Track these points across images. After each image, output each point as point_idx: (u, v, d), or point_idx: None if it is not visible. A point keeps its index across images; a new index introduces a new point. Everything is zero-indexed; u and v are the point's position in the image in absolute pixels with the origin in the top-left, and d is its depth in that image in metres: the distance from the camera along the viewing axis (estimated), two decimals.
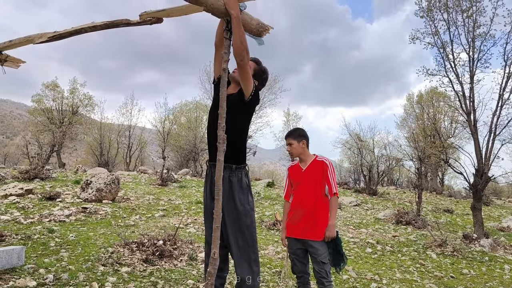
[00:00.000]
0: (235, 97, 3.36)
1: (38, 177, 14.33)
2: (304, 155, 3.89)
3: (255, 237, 3.41)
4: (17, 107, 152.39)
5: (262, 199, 13.47)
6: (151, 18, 3.23)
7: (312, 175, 3.78)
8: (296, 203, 3.83)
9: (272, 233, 8.59)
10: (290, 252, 3.92)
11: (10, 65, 4.93)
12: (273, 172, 54.38)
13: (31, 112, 26.23)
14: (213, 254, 2.85)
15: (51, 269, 5.01)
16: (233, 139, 3.36)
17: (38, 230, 7.13)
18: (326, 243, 3.71)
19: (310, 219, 3.72)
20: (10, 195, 10.40)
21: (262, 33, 3.15)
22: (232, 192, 3.31)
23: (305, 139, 3.90)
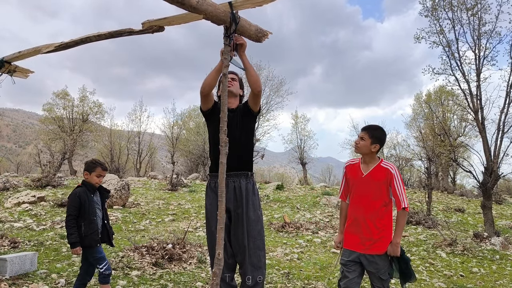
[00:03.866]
0: (242, 108, 3.50)
1: (50, 185, 14.53)
2: (369, 157, 3.46)
3: (264, 241, 3.50)
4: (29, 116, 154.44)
5: (271, 202, 13.51)
6: (153, 27, 3.33)
7: (374, 183, 3.37)
8: (354, 212, 3.46)
9: (281, 235, 8.62)
10: (342, 263, 3.49)
11: (19, 75, 5.07)
12: (283, 174, 54.31)
13: (42, 121, 26.64)
14: (217, 255, 2.91)
15: (63, 274, 5.12)
16: (249, 147, 3.50)
17: (50, 236, 7.27)
18: (388, 259, 3.37)
19: (369, 232, 3.36)
20: (23, 203, 10.59)
21: (261, 38, 3.21)
22: (248, 199, 3.40)
23: (379, 144, 3.44)
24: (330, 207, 12.84)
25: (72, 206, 3.83)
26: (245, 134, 3.46)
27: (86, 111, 25.47)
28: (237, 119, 3.48)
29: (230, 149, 3.41)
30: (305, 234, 8.77)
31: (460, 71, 9.78)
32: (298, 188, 19.36)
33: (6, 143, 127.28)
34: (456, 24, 9.85)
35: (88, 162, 4.08)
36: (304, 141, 28.69)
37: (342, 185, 3.69)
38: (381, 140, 3.46)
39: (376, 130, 3.49)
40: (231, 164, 3.37)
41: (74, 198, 3.85)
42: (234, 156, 3.38)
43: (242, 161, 3.42)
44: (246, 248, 3.32)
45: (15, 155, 69.21)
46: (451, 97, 16.86)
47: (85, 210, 3.83)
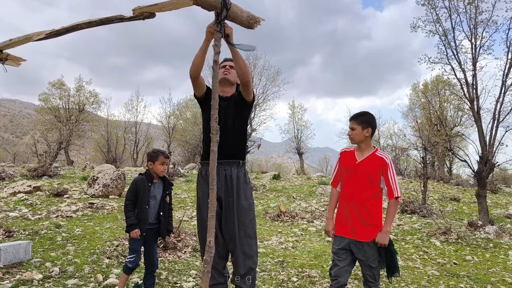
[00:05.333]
0: (237, 97, 3.46)
1: (46, 175, 14.53)
2: (364, 144, 3.45)
3: (255, 230, 3.49)
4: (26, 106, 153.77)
5: (267, 191, 13.54)
6: (144, 13, 3.29)
7: (367, 170, 3.36)
8: (346, 198, 3.45)
9: (276, 224, 8.65)
10: (333, 252, 3.49)
11: (11, 63, 5.01)
12: (280, 165, 54.38)
13: (38, 111, 26.51)
14: (208, 242, 2.91)
15: (57, 263, 5.12)
16: (242, 136, 3.49)
17: (45, 225, 7.27)
18: (377, 248, 3.35)
19: (360, 218, 3.35)
20: (18, 193, 10.58)
21: (253, 25, 3.17)
22: (238, 188, 3.38)
23: (371, 127, 3.43)
24: (326, 197, 12.88)
25: (130, 192, 3.93)
26: (238, 122, 3.45)
27: (82, 101, 25.35)
28: (230, 108, 3.46)
29: (222, 137, 3.41)
30: (300, 223, 8.80)
31: (456, 60, 9.76)
32: (295, 178, 19.40)
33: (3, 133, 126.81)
34: (453, 12, 9.81)
35: (150, 153, 4.12)
36: (301, 131, 28.69)
37: (334, 171, 3.70)
38: (370, 123, 3.46)
39: (363, 116, 3.50)
40: (223, 152, 3.35)
41: (132, 184, 3.95)
42: (226, 144, 3.37)
43: (234, 149, 3.41)
44: (237, 237, 3.32)
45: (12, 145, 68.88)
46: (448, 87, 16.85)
47: (138, 198, 3.90)
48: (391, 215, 3.38)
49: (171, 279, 4.79)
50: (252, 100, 3.49)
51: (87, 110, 25.82)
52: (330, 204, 3.66)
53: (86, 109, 25.70)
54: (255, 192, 13.01)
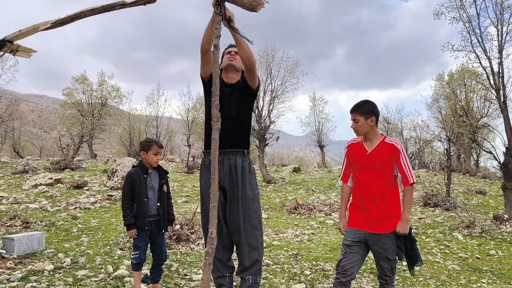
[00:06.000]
0: (242, 84, 3.33)
1: (68, 168, 14.78)
2: (370, 134, 3.28)
3: (261, 220, 3.38)
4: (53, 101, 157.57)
5: (286, 184, 13.41)
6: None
7: (380, 159, 3.20)
8: (361, 191, 3.29)
9: (293, 216, 8.53)
10: (345, 244, 3.28)
11: (22, 54, 5.01)
12: (302, 158, 54.06)
13: (62, 106, 27.03)
14: (210, 234, 2.81)
15: (70, 254, 5.14)
16: (246, 124, 3.37)
17: (62, 217, 7.35)
18: (396, 239, 3.21)
19: (378, 210, 3.20)
20: (40, 185, 10.78)
21: (256, 7, 3.02)
22: (244, 178, 3.27)
23: (374, 115, 3.26)
24: None
25: (126, 187, 3.80)
26: (242, 110, 3.32)
27: (104, 95, 25.68)
28: (235, 95, 3.33)
29: (226, 125, 3.28)
30: (317, 216, 8.64)
31: (481, 48, 9.36)
32: (316, 171, 19.19)
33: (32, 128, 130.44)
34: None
35: (143, 142, 3.96)
36: (322, 124, 28.37)
37: (343, 166, 3.54)
38: (373, 112, 3.29)
39: (363, 105, 3.34)
40: (226, 141, 3.25)
41: (127, 178, 3.82)
42: (230, 133, 3.26)
43: (238, 138, 3.29)
44: (242, 228, 3.21)
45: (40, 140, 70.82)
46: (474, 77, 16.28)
47: (135, 191, 3.77)
48: (409, 202, 3.24)
49: (182, 271, 4.74)
50: (257, 86, 3.35)
51: (110, 104, 26.17)
52: (342, 201, 3.52)
53: (109, 103, 26.05)
54: (274, 185, 12.90)
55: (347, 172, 3.49)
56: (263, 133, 13.48)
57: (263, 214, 8.45)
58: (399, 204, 3.29)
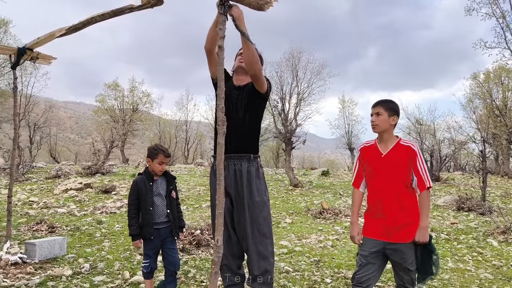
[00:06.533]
0: (251, 86, 3.21)
1: (99, 172, 15.09)
2: (387, 134, 3.13)
3: (271, 228, 3.25)
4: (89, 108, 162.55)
5: (313, 188, 13.19)
6: (151, 1, 3.16)
7: (396, 163, 3.05)
8: (376, 197, 3.13)
9: (318, 221, 8.33)
10: (361, 254, 3.14)
11: (42, 62, 5.14)
12: (333, 161, 53.35)
13: (95, 112, 27.79)
14: (216, 242, 2.72)
15: (90, 259, 5.17)
16: (253, 128, 3.25)
17: (87, 221, 7.45)
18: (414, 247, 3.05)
19: (395, 217, 3.03)
20: (70, 189, 11.02)
21: (263, 6, 2.92)
22: (250, 183, 3.16)
23: (397, 116, 3.14)
24: None
25: (131, 195, 3.72)
26: (250, 114, 3.21)
27: (135, 101, 26.23)
28: (243, 98, 3.23)
29: (232, 129, 3.19)
30: (344, 220, 8.41)
31: None
32: (345, 174, 18.81)
33: (70, 134, 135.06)
34: None
35: (151, 148, 3.85)
36: (352, 126, 27.89)
37: (355, 170, 3.36)
38: (397, 112, 3.16)
39: (389, 102, 3.19)
40: (232, 145, 3.16)
41: (132, 186, 3.74)
42: (236, 137, 3.16)
43: (245, 142, 3.18)
44: (250, 235, 3.10)
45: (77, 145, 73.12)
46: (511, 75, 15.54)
47: (141, 200, 3.68)
48: (426, 208, 3.05)
49: (199, 277, 4.66)
50: (266, 91, 3.22)
51: (141, 110, 26.67)
52: (354, 207, 3.33)
53: (140, 109, 26.56)
54: (300, 189, 12.72)
55: (360, 177, 3.32)
56: (289, 136, 13.32)
57: (287, 219, 8.30)
58: (417, 210, 3.10)
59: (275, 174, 17.17)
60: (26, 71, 16.49)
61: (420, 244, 3.01)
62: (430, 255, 3.04)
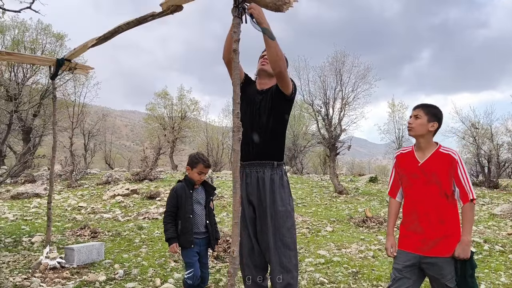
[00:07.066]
0: (275, 90, 3.10)
1: (147, 178, 15.49)
2: (425, 141, 2.93)
3: (295, 240, 3.10)
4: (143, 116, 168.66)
5: (359, 195, 12.77)
6: (170, 7, 3.13)
7: (435, 171, 2.85)
8: (412, 208, 2.93)
9: (360, 230, 8.01)
10: (395, 268, 2.94)
11: (80, 72, 5.31)
12: (385, 166, 51.78)
13: (146, 120, 28.69)
14: (232, 253, 2.62)
15: (126, 264, 5.24)
16: (277, 134, 3.14)
17: (129, 227, 7.61)
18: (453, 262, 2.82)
19: (433, 229, 2.83)
20: (117, 195, 11.37)
21: (282, 7, 2.80)
22: (273, 192, 3.04)
23: (438, 123, 2.92)
24: None
25: (170, 202, 3.67)
26: (274, 119, 3.09)
27: (184, 108, 26.79)
28: (266, 102, 3.11)
29: (255, 135, 3.10)
30: None
31: None
32: None
33: (125, 141, 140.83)
34: None
35: (191, 156, 3.80)
36: (402, 131, 26.83)
37: (391, 179, 3.18)
38: (438, 118, 2.94)
39: (431, 106, 2.99)
40: (255, 152, 3.07)
41: (172, 193, 3.68)
42: (259, 143, 3.06)
43: (268, 149, 3.06)
44: (273, 247, 2.97)
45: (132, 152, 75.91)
46: None
47: (181, 207, 3.61)
48: (470, 222, 2.81)
49: None
50: (291, 92, 3.08)
51: (189, 117, 27.21)
52: (389, 218, 3.14)
53: (188, 116, 27.10)
54: (345, 196, 12.36)
55: (396, 185, 3.12)
56: (333, 142, 13.01)
57: (328, 227, 8.06)
58: (458, 222, 2.87)
59: (320, 180, 16.85)
60: (78, 81, 17.47)
61: (460, 260, 2.77)
62: (473, 272, 2.80)
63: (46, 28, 17.17)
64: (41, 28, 17.06)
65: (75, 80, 16.97)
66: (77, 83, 17.30)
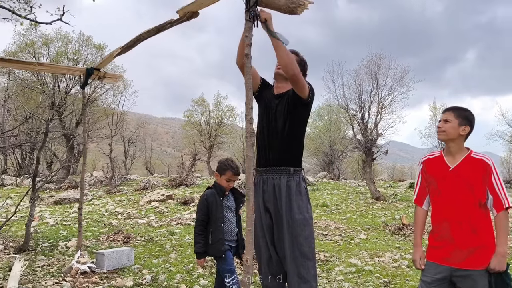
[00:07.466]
0: (292, 93, 3.02)
1: (183, 184, 15.71)
2: (456, 145, 2.78)
3: (314, 249, 3.00)
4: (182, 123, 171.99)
5: (397, 201, 12.37)
6: (186, 13, 3.14)
7: (466, 177, 2.69)
8: (441, 217, 2.77)
9: (396, 238, 7.72)
10: (424, 281, 2.79)
11: (109, 80, 5.44)
12: None
13: (183, 127, 29.23)
14: (245, 261, 2.56)
15: (154, 270, 5.28)
16: (294, 139, 3.06)
17: (161, 232, 7.70)
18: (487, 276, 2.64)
19: (465, 240, 2.67)
20: (152, 201, 11.58)
21: (296, 9, 2.73)
22: (290, 199, 2.95)
23: (470, 126, 2.77)
24: None
25: (200, 211, 3.54)
26: (290, 123, 3.00)
27: (220, 115, 27.10)
28: (282, 106, 3.04)
29: (271, 140, 3.04)
30: (425, 238, 7.69)
31: None
32: None
33: (166, 148, 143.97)
34: None
35: (221, 163, 3.67)
36: None
37: (417, 185, 2.99)
38: (470, 121, 2.77)
39: (462, 109, 2.81)
40: (271, 158, 3.00)
41: (202, 201, 3.57)
42: (275, 148, 2.99)
43: (284, 154, 2.98)
44: (291, 256, 2.88)
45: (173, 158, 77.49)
46: None
47: (212, 215, 3.50)
48: (505, 232, 2.62)
49: None
50: (307, 96, 2.99)
51: (225, 123, 27.48)
52: (416, 228, 2.96)
53: (224, 122, 27.38)
54: (382, 202, 12.00)
55: (423, 193, 2.94)
56: (369, 147, 12.68)
57: (361, 235, 7.83)
58: (492, 232, 2.68)
59: (358, 186, 16.48)
60: (117, 90, 18.07)
61: (494, 273, 2.58)
62: (509, 285, 2.61)
63: (87, 40, 17.91)
64: (82, 40, 17.81)
65: (114, 89, 17.57)
66: (116, 92, 17.92)
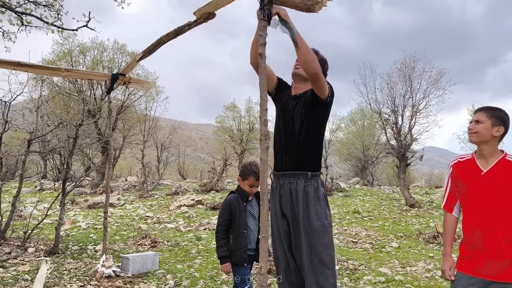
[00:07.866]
0: (310, 94, 2.90)
1: (214, 189, 15.75)
2: (489, 148, 2.60)
3: (333, 258, 2.85)
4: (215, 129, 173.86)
5: (433, 208, 11.91)
6: (203, 14, 3.09)
7: (500, 181, 2.53)
8: (473, 224, 2.60)
9: (430, 247, 7.39)
10: None
11: (135, 86, 5.49)
12: None
13: (215, 132, 29.46)
14: (259, 269, 2.45)
15: (178, 275, 5.25)
16: (312, 142, 2.93)
17: (189, 237, 7.69)
18: None
19: (501, 250, 2.50)
20: (182, 206, 11.65)
21: (313, 7, 2.62)
22: (307, 205, 2.81)
23: (504, 127, 2.60)
24: None
25: (223, 215, 3.43)
26: (307, 126, 2.87)
27: (251, 120, 27.12)
28: (300, 108, 2.91)
29: (288, 143, 2.92)
30: None
31: None
32: None
33: (200, 153, 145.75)
34: None
35: (244, 167, 3.53)
36: None
37: (446, 190, 2.78)
38: (504, 122, 2.57)
39: (496, 109, 2.62)
40: (288, 161, 2.88)
41: (225, 206, 3.45)
42: (292, 152, 2.87)
43: (301, 158, 2.85)
44: (309, 264, 2.74)
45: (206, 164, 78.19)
46: None
47: (234, 220, 3.38)
48: None
49: None
50: (327, 96, 2.85)
51: (256, 129, 27.49)
52: (446, 236, 2.73)
53: (256, 128, 27.37)
54: (417, 209, 11.57)
55: (452, 198, 2.74)
56: (403, 152, 12.29)
57: (393, 243, 7.54)
58: None
59: (392, 192, 16.01)
60: (149, 97, 18.45)
61: None
62: None
63: (121, 48, 18.36)
64: (117, 48, 18.28)
65: (147, 95, 17.92)
66: (148, 98, 18.28)
